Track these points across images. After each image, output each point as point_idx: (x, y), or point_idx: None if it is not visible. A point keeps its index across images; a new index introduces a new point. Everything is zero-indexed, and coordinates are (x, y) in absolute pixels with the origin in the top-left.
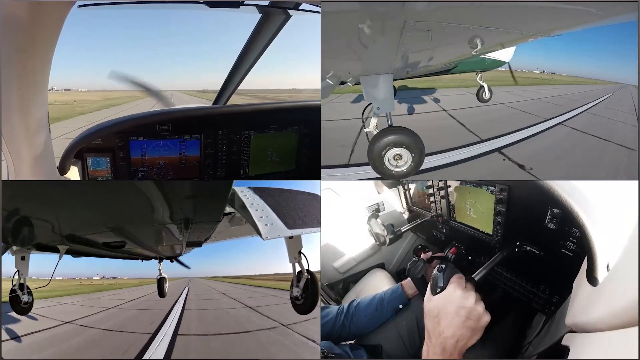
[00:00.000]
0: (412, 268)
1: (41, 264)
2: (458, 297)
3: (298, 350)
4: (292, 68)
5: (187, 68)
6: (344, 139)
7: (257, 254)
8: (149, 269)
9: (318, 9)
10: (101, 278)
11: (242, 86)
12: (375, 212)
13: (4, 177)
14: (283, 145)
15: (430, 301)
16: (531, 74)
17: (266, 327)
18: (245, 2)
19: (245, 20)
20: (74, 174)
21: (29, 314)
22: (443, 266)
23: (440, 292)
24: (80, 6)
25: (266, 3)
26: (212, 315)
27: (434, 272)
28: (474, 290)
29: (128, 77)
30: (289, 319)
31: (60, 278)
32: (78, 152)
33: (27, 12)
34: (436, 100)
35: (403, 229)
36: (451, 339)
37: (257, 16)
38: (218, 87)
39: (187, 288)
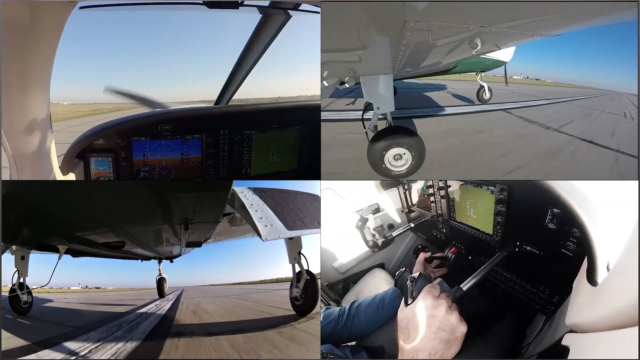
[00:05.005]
0: (400, 279)
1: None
2: (428, 307)
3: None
4: (291, 70)
5: (190, 74)
6: None
7: (256, 256)
8: (137, 277)
9: (318, 9)
10: (83, 288)
11: (242, 95)
12: (365, 217)
13: (6, 177)
14: (284, 145)
15: (402, 312)
16: (511, 79)
17: None
18: (245, 3)
19: (246, 21)
20: (76, 174)
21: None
22: (415, 276)
23: (411, 303)
24: (82, 7)
25: (266, 3)
26: None
27: (407, 283)
28: (449, 299)
29: (122, 91)
30: None
31: (36, 287)
32: (80, 152)
33: (28, 13)
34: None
35: (395, 234)
36: (422, 351)
37: (258, 17)
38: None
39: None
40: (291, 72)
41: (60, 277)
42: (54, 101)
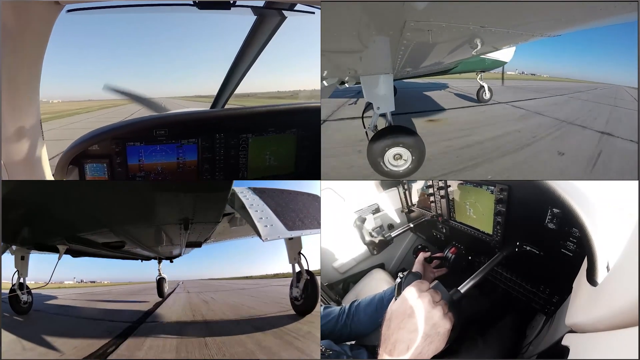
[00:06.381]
0: (397, 285)
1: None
2: (411, 298)
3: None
4: (291, 69)
5: (182, 73)
6: None
7: (257, 253)
8: (132, 271)
9: (313, 10)
10: (79, 282)
11: (242, 90)
12: (363, 217)
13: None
14: (281, 148)
15: (389, 307)
16: (506, 75)
17: None
18: (237, 3)
19: (241, 22)
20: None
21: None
22: (405, 273)
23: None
24: (69, 11)
25: (261, 4)
26: None
27: (397, 279)
28: (437, 294)
29: (120, 89)
30: None
31: (33, 282)
32: (74, 158)
33: (16, 17)
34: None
35: (393, 234)
36: (400, 343)
37: (253, 18)
38: (214, 92)
39: None
40: (290, 73)
41: (56, 272)
42: (43, 99)
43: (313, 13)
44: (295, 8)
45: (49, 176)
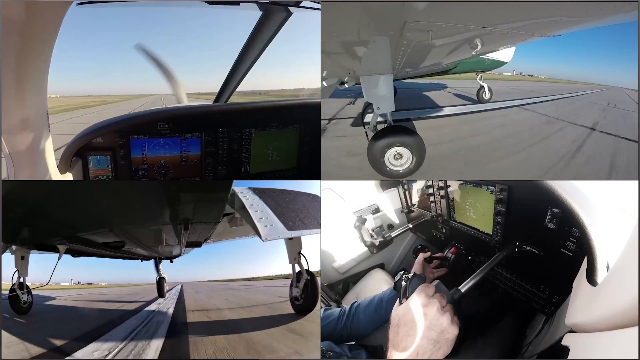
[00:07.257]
0: (397, 281)
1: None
2: (419, 305)
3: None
4: (292, 68)
5: (186, 68)
6: None
7: (258, 253)
8: (132, 272)
9: (319, 7)
10: (75, 284)
11: (243, 88)
12: (363, 218)
13: (4, 177)
14: (284, 143)
15: (395, 310)
16: (503, 76)
17: None
18: None
19: (246, 18)
20: (74, 172)
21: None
22: (409, 276)
23: (404, 301)
24: (79, 4)
25: (267, 0)
26: None
27: (402, 282)
28: (443, 299)
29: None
30: None
31: (30, 283)
32: (78, 150)
33: (25, 11)
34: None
35: (393, 234)
36: (410, 349)
37: (258, 13)
38: (218, 88)
39: None
40: (291, 72)
41: (54, 273)
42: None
43: (319, 9)
44: (302, 4)
45: (53, 168)
